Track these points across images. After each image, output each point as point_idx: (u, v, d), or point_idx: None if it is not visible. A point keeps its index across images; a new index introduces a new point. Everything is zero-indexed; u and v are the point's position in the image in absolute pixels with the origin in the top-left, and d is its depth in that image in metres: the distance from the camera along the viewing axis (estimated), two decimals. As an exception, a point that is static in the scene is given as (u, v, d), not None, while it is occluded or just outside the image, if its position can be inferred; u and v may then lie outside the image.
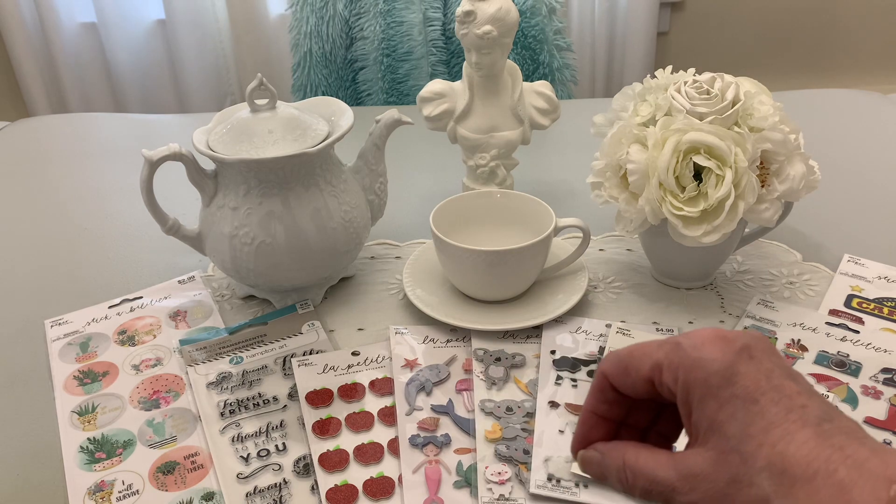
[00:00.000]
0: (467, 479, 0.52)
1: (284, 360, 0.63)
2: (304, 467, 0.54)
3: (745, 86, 0.63)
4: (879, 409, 0.56)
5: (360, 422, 0.57)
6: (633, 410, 0.37)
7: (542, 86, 0.79)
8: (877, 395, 0.57)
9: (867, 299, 0.68)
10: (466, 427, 0.56)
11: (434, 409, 0.58)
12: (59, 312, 0.71)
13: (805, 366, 0.60)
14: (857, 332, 0.63)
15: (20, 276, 0.78)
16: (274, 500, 0.51)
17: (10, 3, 1.69)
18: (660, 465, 0.33)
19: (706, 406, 0.31)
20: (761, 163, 0.61)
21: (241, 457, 0.55)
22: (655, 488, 0.33)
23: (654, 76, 0.66)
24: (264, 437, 0.56)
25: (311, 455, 0.54)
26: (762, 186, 0.61)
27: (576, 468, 0.51)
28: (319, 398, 0.59)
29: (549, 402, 0.57)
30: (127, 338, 0.67)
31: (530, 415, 0.57)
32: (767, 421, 0.30)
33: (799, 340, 0.63)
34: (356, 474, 0.53)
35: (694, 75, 0.64)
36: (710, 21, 1.94)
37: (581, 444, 0.37)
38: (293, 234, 0.64)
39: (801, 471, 0.28)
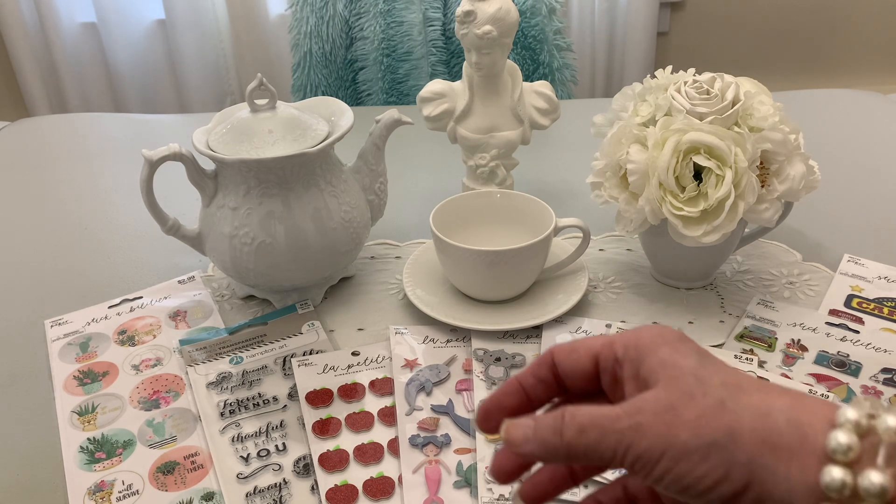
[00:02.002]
0: (467, 479, 0.52)
1: (284, 360, 0.63)
2: (304, 467, 0.54)
3: (745, 86, 0.63)
4: (879, 409, 0.56)
5: (360, 422, 0.57)
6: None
7: (542, 86, 0.79)
8: (877, 395, 0.57)
9: (867, 299, 0.68)
10: (466, 427, 0.56)
11: (434, 409, 0.58)
12: (59, 312, 0.71)
13: (805, 366, 0.60)
14: (857, 332, 0.63)
15: (20, 276, 0.78)
16: (274, 500, 0.51)
17: (10, 3, 1.69)
18: (604, 408, 0.31)
19: (660, 352, 0.31)
20: (761, 163, 0.61)
21: (241, 457, 0.55)
22: (595, 422, 0.31)
23: (654, 76, 0.66)
24: (264, 437, 0.56)
25: (311, 455, 0.54)
26: (762, 186, 0.61)
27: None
28: (319, 398, 0.59)
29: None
30: (127, 338, 0.67)
31: (530, 415, 0.57)
32: (721, 364, 0.31)
33: (799, 340, 0.63)
34: (356, 474, 0.53)
35: (694, 75, 0.64)
36: (710, 21, 1.94)
37: (491, 405, 0.35)
38: (293, 234, 0.64)
39: (756, 386, 0.30)
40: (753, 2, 1.91)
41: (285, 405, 0.59)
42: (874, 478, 0.25)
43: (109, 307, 0.71)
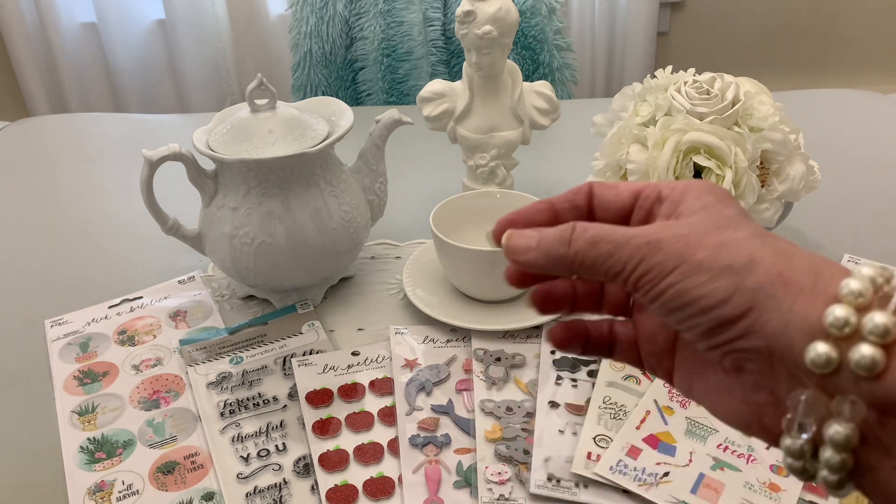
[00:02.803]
0: (467, 479, 0.52)
1: (284, 360, 0.63)
2: (304, 467, 0.54)
3: (745, 86, 0.63)
4: (879, 409, 0.56)
5: (360, 422, 0.57)
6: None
7: (542, 86, 0.79)
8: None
9: (867, 299, 0.68)
10: (466, 427, 0.56)
11: (434, 409, 0.58)
12: (59, 312, 0.71)
13: (805, 366, 0.60)
14: (857, 332, 0.63)
15: (20, 276, 0.78)
16: (274, 500, 0.51)
17: (10, 3, 1.69)
18: (620, 227, 0.30)
19: (703, 198, 0.31)
20: (761, 163, 0.61)
21: (241, 457, 0.55)
22: (609, 236, 0.30)
23: (654, 76, 0.66)
24: (264, 437, 0.56)
25: (311, 455, 0.54)
26: (762, 186, 0.61)
27: (578, 467, 0.51)
28: (319, 398, 0.59)
29: (550, 402, 0.57)
30: (127, 338, 0.67)
31: (530, 415, 0.57)
32: (756, 223, 0.30)
33: (799, 340, 0.63)
34: (356, 474, 0.53)
35: (694, 75, 0.64)
36: (710, 21, 1.94)
37: (517, 216, 0.33)
38: (293, 234, 0.64)
39: (788, 241, 0.29)
40: (753, 2, 1.91)
41: (285, 405, 0.59)
42: (878, 318, 0.25)
43: (109, 307, 0.71)
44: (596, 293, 0.36)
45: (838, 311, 0.25)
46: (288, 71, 1.38)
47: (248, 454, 0.55)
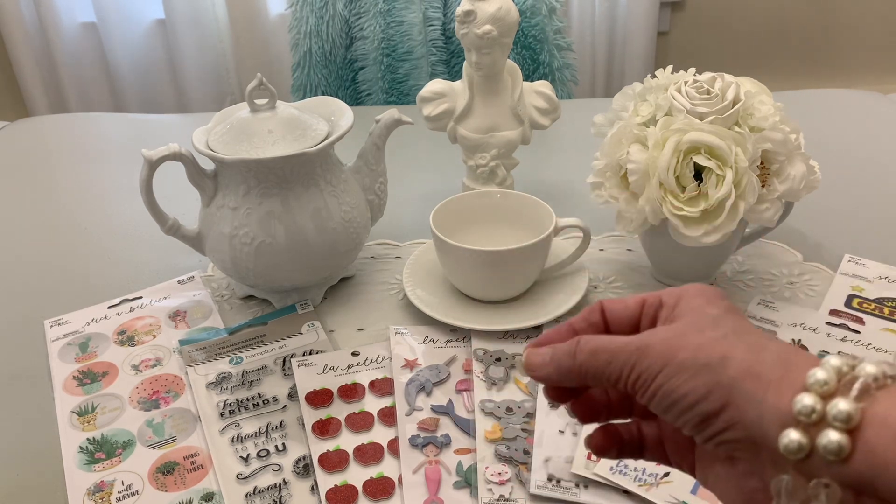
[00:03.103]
0: (467, 480, 0.52)
1: (284, 361, 0.63)
2: (304, 467, 0.54)
3: (746, 86, 0.63)
4: (880, 410, 0.56)
5: (360, 422, 0.57)
6: None
7: (542, 86, 0.79)
8: (877, 395, 0.57)
9: (868, 299, 0.68)
10: (466, 427, 0.56)
11: (434, 409, 0.58)
12: (59, 312, 0.71)
13: (805, 366, 0.60)
14: (858, 332, 0.63)
15: (20, 276, 0.78)
16: (274, 500, 0.51)
17: (10, 3, 1.68)
18: (616, 336, 0.34)
19: (693, 301, 0.34)
20: (761, 163, 0.61)
21: (241, 457, 0.54)
22: (606, 346, 0.33)
23: (654, 76, 0.65)
24: (264, 438, 0.56)
25: (310, 455, 0.54)
26: (762, 186, 0.61)
27: (578, 467, 0.51)
28: (319, 398, 0.59)
29: (550, 403, 0.57)
30: (126, 338, 0.67)
31: (530, 415, 0.57)
32: (746, 321, 0.33)
33: (799, 340, 0.63)
34: (356, 474, 0.53)
35: (694, 75, 0.64)
36: (710, 21, 1.94)
37: (541, 341, 0.37)
38: (293, 234, 0.64)
39: (763, 333, 0.33)
40: (753, 2, 1.91)
41: (285, 405, 0.59)
42: (842, 405, 0.27)
43: (109, 307, 0.71)
44: (626, 399, 0.39)
45: (805, 400, 0.27)
46: (288, 71, 1.38)
47: (248, 454, 0.55)
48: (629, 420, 0.38)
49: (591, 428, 0.38)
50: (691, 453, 0.35)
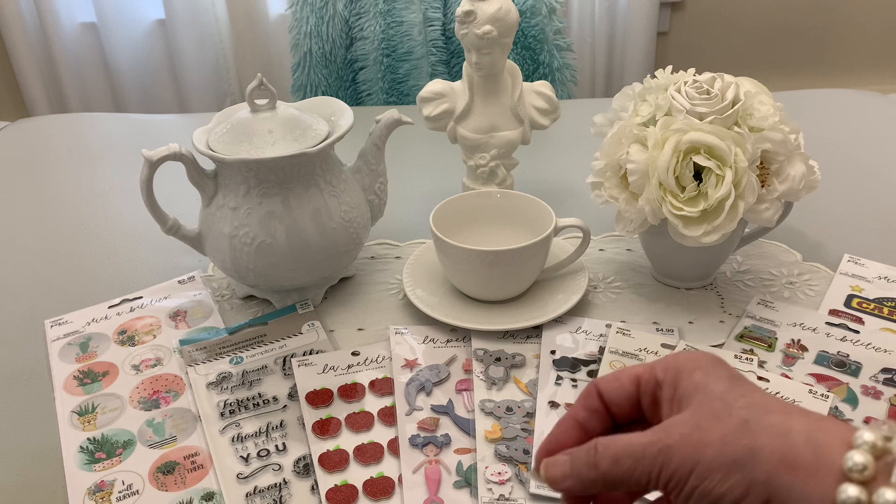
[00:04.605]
0: (467, 479, 0.52)
1: (284, 360, 0.63)
2: (304, 467, 0.54)
3: (745, 86, 0.63)
4: (879, 410, 0.56)
5: (360, 422, 0.57)
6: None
7: (542, 86, 0.79)
8: (877, 395, 0.57)
9: (867, 299, 0.68)
10: (466, 427, 0.56)
11: (434, 409, 0.58)
12: (59, 312, 0.71)
13: (805, 366, 0.60)
14: (857, 332, 0.63)
15: (20, 275, 0.78)
16: (274, 500, 0.51)
17: (10, 3, 1.69)
18: (634, 436, 0.33)
19: (694, 376, 0.33)
20: (761, 163, 0.61)
21: (241, 457, 0.54)
22: (628, 451, 0.33)
23: (654, 76, 0.65)
24: (264, 437, 0.56)
25: (311, 455, 0.54)
26: (762, 186, 0.61)
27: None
28: (319, 398, 0.59)
29: (549, 402, 0.57)
30: (127, 338, 0.67)
31: (530, 415, 0.57)
32: (751, 388, 0.33)
33: (799, 340, 0.63)
34: (356, 474, 0.53)
35: (694, 75, 0.64)
36: (710, 21, 1.94)
37: (551, 444, 0.37)
38: (293, 234, 0.64)
39: (780, 408, 0.31)
40: (753, 2, 1.91)
41: (285, 405, 0.59)
42: (888, 495, 0.26)
43: (109, 307, 0.71)
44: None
45: (850, 491, 0.27)
46: (288, 71, 1.38)
47: (248, 454, 0.55)
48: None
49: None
50: None
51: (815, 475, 0.28)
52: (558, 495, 0.50)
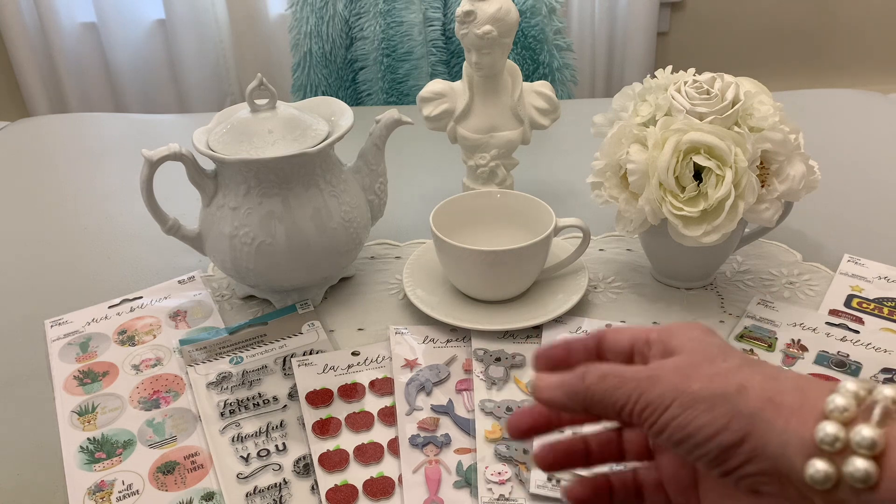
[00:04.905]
0: (467, 479, 0.52)
1: (284, 360, 0.63)
2: (304, 467, 0.54)
3: (745, 86, 0.63)
4: (879, 409, 0.56)
5: (360, 422, 0.57)
6: None
7: (542, 86, 0.79)
8: (877, 395, 0.57)
9: (867, 299, 0.68)
10: (466, 427, 0.56)
11: (434, 409, 0.58)
12: (59, 312, 0.71)
13: (805, 366, 0.60)
14: (857, 332, 0.63)
15: (20, 276, 0.78)
16: (274, 500, 0.51)
17: (10, 4, 1.69)
18: (626, 366, 0.34)
19: (690, 332, 0.34)
20: (761, 163, 0.61)
21: (241, 457, 0.54)
22: (616, 371, 0.33)
23: (654, 76, 0.66)
24: (264, 437, 0.56)
25: (311, 455, 0.54)
26: (762, 186, 0.61)
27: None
28: (319, 398, 0.59)
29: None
30: (127, 338, 0.67)
31: (530, 415, 0.57)
32: (741, 351, 0.33)
33: (799, 340, 0.63)
34: (356, 474, 0.53)
35: (694, 75, 0.64)
36: (710, 21, 1.94)
37: (546, 352, 0.37)
38: (293, 234, 0.64)
39: (771, 365, 0.32)
40: (753, 2, 1.91)
41: (285, 405, 0.59)
42: (865, 432, 0.26)
43: (109, 307, 0.71)
44: (614, 443, 0.38)
45: (828, 428, 0.27)
46: (288, 71, 1.38)
47: (248, 454, 0.55)
48: (622, 468, 0.37)
49: (590, 431, 0.38)
50: (695, 493, 0.34)
51: (798, 414, 0.28)
52: (558, 495, 0.50)
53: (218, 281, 0.74)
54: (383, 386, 0.60)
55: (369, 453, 0.54)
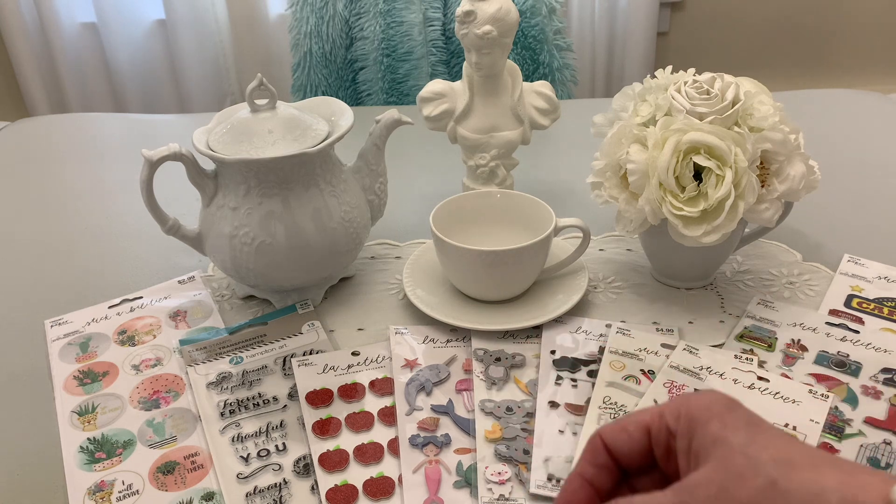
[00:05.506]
0: (467, 479, 0.52)
1: (284, 360, 0.63)
2: (304, 467, 0.54)
3: (745, 86, 0.63)
4: (879, 410, 0.56)
5: (360, 422, 0.57)
6: (621, 486, 0.36)
7: (542, 86, 0.79)
8: (877, 395, 0.57)
9: (867, 299, 0.68)
10: (466, 427, 0.56)
11: (434, 409, 0.58)
12: (59, 312, 0.71)
13: (805, 366, 0.60)
14: (857, 332, 0.63)
15: (20, 276, 0.78)
16: (274, 500, 0.51)
17: (10, 3, 1.69)
18: (655, 494, 0.32)
19: (710, 427, 0.32)
20: (761, 163, 0.61)
21: (241, 457, 0.55)
22: (643, 502, 0.31)
23: (654, 76, 0.66)
24: (264, 437, 0.56)
25: (311, 455, 0.54)
26: (762, 186, 0.61)
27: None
28: (319, 398, 0.59)
29: (549, 402, 0.57)
30: (127, 338, 0.67)
31: (530, 415, 0.57)
32: (772, 434, 0.31)
33: (799, 340, 0.63)
34: (356, 474, 0.53)
35: (694, 75, 0.64)
36: (710, 21, 1.94)
37: (566, 497, 0.35)
38: (293, 234, 0.64)
39: (807, 461, 0.29)
40: (753, 2, 1.91)
41: (285, 405, 0.59)
42: None
43: (109, 307, 0.71)
44: None
45: None
46: (288, 71, 1.38)
47: (248, 454, 0.55)
48: None
49: (590, 431, 0.37)
50: None
51: None
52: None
53: (218, 281, 0.74)
54: (383, 386, 0.60)
55: (369, 453, 0.54)
